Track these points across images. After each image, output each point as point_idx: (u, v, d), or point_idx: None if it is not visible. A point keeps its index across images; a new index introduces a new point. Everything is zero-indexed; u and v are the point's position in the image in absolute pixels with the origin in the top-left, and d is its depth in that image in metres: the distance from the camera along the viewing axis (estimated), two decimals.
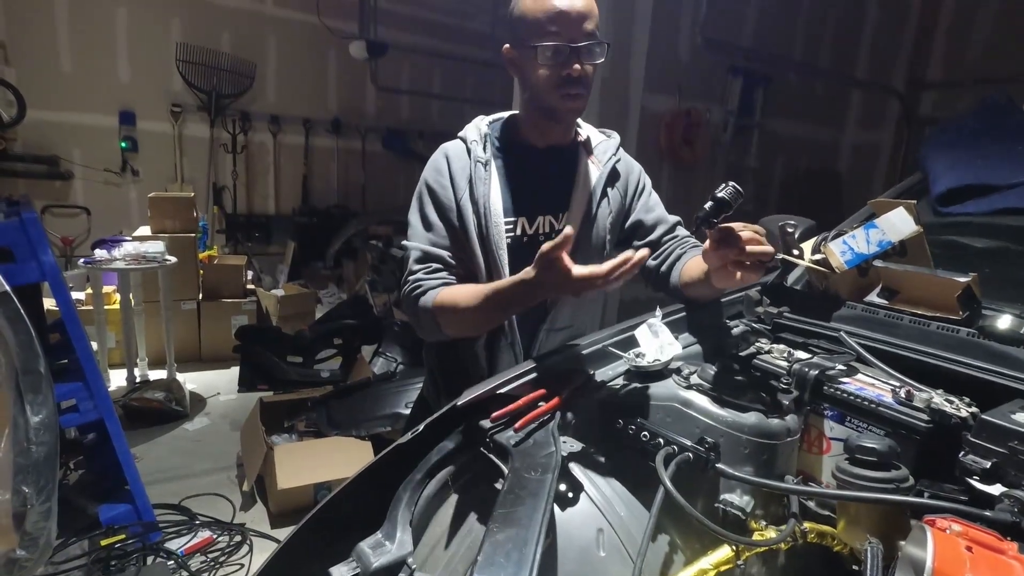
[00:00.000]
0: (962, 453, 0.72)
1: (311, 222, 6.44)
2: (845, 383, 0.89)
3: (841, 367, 0.91)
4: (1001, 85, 4.18)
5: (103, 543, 1.84)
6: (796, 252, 1.19)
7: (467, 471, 0.83)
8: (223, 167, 6.11)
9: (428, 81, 7.23)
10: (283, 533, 2.23)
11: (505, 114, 1.18)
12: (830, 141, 5.19)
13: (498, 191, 1.08)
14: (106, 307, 3.52)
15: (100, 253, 3.23)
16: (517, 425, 0.76)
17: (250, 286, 4.56)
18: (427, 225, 1.09)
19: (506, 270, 1.07)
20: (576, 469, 0.79)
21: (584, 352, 0.95)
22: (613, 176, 1.17)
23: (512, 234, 1.09)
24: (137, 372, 3.54)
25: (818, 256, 1.13)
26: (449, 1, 6.26)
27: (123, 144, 5.48)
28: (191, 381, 3.67)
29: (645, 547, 0.58)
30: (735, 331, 1.14)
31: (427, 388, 1.27)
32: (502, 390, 0.84)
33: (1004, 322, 0.88)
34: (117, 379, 3.48)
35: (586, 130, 1.20)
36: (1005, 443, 0.68)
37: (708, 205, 0.85)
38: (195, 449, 2.88)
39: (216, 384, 3.73)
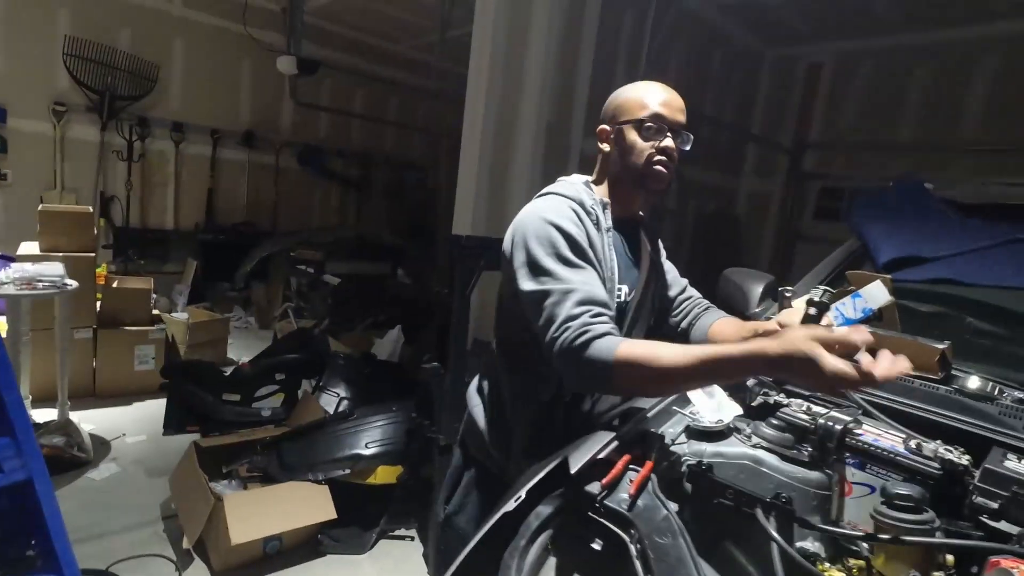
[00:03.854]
0: (973, 496, 0.89)
1: (216, 240, 5.97)
2: (860, 435, 1.05)
3: (854, 420, 1.07)
4: (870, 150, 4.99)
5: None
6: None
7: (563, 534, 0.87)
8: (115, 176, 5.50)
9: (349, 100, 7.07)
10: None
11: (577, 181, 1.19)
12: (730, 187, 5.83)
13: (615, 257, 1.11)
14: None
15: None
16: (631, 491, 0.82)
17: (155, 312, 4.12)
18: (573, 266, 1.00)
19: None
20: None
21: (650, 414, 1.03)
22: (657, 247, 1.28)
23: (619, 300, 1.12)
24: None
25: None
26: (377, 23, 6.19)
27: None
28: (86, 421, 3.24)
29: None
30: (747, 384, 1.28)
31: (480, 445, 1.19)
32: (601, 455, 0.89)
33: (974, 382, 1.09)
34: None
35: None
36: (1008, 488, 0.86)
37: (812, 312, 0.98)
38: (107, 502, 2.54)
39: (118, 424, 3.32)
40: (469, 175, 3.37)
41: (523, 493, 0.86)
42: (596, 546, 0.85)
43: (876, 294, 1.27)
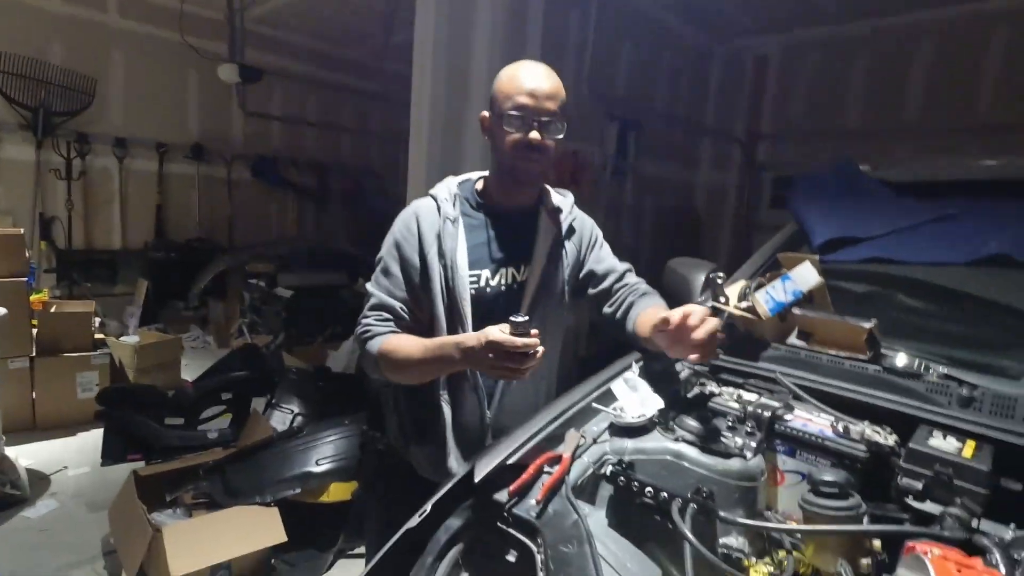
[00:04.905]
0: (898, 477, 0.86)
1: (168, 257, 5.75)
2: (790, 420, 1.02)
3: (785, 406, 1.04)
4: (819, 138, 5.08)
5: None
6: (723, 299, 1.34)
7: (475, 547, 0.82)
8: (54, 196, 5.25)
9: (301, 108, 6.91)
10: None
11: (474, 175, 1.24)
12: (687, 181, 5.87)
13: (464, 246, 1.14)
14: None
15: None
16: (539, 496, 0.77)
17: (99, 335, 3.93)
18: (387, 275, 1.16)
19: (468, 319, 1.12)
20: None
21: (571, 411, 0.98)
22: (570, 231, 1.24)
23: (476, 286, 1.14)
24: None
25: (745, 304, 1.28)
26: (322, 28, 6.07)
27: None
28: (25, 455, 3.06)
29: None
30: (682, 375, 1.25)
31: (394, 436, 1.26)
32: (510, 460, 0.83)
33: (901, 359, 1.07)
34: None
35: (544, 191, 1.26)
36: (931, 467, 0.84)
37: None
38: (44, 541, 2.39)
39: (59, 457, 3.14)
40: (418, 179, 3.30)
41: (428, 507, 0.80)
42: (511, 558, 0.80)
43: (806, 275, 1.25)
